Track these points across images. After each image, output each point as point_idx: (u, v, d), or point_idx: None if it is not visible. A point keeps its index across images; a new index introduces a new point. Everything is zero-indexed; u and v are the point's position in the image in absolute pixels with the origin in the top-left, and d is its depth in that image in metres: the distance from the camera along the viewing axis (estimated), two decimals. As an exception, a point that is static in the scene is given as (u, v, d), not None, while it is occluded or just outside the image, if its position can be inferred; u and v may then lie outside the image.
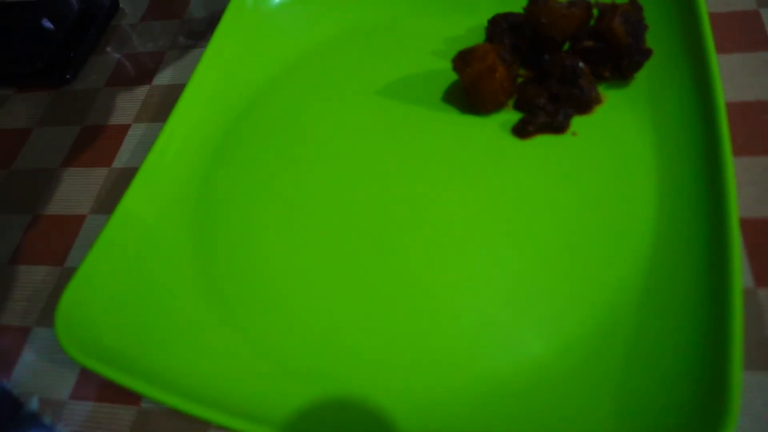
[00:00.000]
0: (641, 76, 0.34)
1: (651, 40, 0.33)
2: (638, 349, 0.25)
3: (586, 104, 0.33)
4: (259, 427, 0.25)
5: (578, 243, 0.29)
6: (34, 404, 0.30)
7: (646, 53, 0.33)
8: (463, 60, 0.33)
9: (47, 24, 0.47)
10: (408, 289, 0.29)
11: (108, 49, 0.48)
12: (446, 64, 0.38)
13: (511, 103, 0.35)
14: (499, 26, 0.36)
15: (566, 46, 0.35)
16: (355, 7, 0.42)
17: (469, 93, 0.34)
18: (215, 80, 0.39)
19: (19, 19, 0.48)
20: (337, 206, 0.33)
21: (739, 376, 0.22)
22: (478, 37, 0.39)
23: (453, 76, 0.37)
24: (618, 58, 0.32)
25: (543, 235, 0.30)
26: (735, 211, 0.26)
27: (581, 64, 0.32)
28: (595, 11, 0.33)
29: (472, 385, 0.26)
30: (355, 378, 0.27)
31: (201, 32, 0.47)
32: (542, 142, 0.33)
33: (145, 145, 0.40)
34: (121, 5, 0.51)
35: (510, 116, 0.35)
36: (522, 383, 0.26)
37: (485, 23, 0.39)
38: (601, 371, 0.25)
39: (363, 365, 0.28)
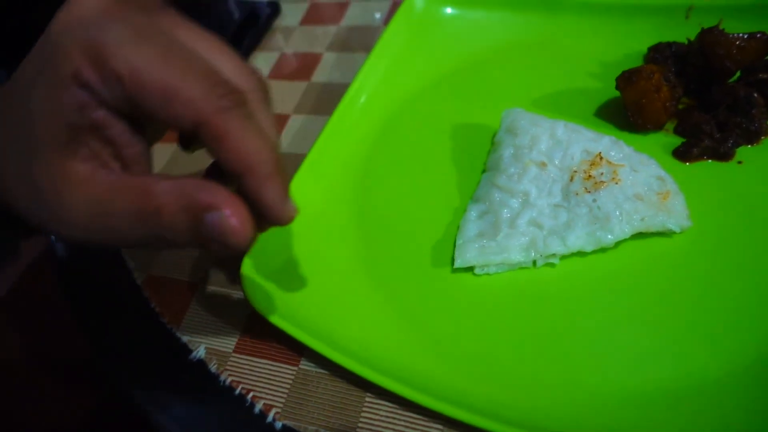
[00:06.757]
0: (812, 113, 0.34)
1: (828, 78, 0.33)
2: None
3: (754, 135, 0.33)
4: (418, 395, 0.27)
5: (746, 264, 0.29)
6: (201, 352, 0.33)
7: (824, 91, 0.33)
8: (627, 79, 0.35)
9: (214, 24, 0.52)
10: (575, 297, 0.30)
11: (270, 46, 0.53)
12: (599, 85, 0.39)
13: (670, 127, 0.36)
14: (662, 53, 0.37)
15: (734, 77, 0.35)
16: (518, 24, 0.45)
17: (631, 110, 0.35)
18: (378, 79, 0.43)
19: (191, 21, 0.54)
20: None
21: None
22: (633, 63, 0.40)
23: (606, 97, 0.38)
24: (795, 92, 0.32)
25: (708, 255, 0.30)
26: None
27: (756, 95, 0.32)
28: (773, 44, 0.33)
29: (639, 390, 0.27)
30: (517, 373, 0.28)
31: (355, 38, 0.51)
32: (704, 167, 0.34)
33: (305, 134, 0.44)
34: (282, 9, 0.55)
35: (668, 139, 0.35)
36: (689, 393, 0.26)
37: (643, 50, 0.40)
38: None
39: (526, 363, 0.29)
